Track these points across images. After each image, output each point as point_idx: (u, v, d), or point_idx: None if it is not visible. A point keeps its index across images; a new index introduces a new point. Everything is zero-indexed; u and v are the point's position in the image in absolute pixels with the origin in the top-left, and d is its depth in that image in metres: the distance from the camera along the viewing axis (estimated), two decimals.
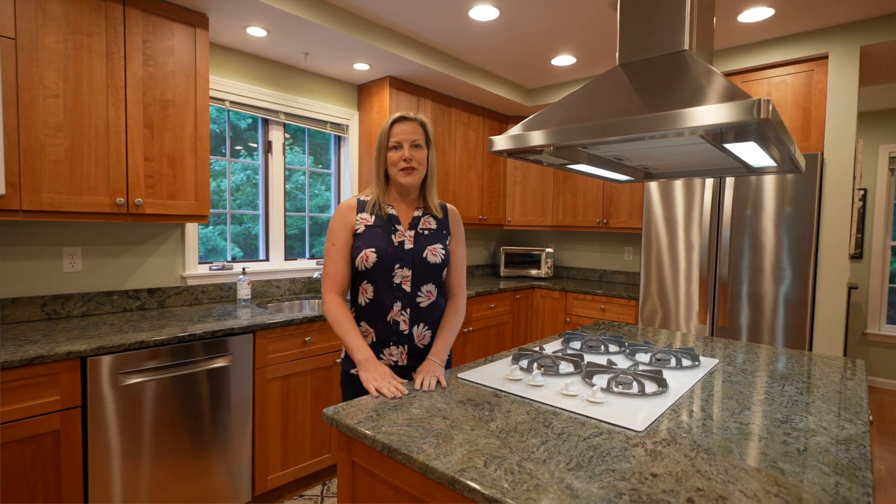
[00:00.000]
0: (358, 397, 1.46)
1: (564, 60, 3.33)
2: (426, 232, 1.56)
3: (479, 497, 0.84)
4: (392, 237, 1.52)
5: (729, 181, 2.91)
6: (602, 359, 1.69)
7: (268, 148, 3.07)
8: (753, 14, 2.58)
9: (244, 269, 2.80)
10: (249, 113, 2.92)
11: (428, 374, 1.38)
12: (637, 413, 1.18)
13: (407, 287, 1.51)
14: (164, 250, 2.57)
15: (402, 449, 0.98)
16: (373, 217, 1.54)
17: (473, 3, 2.53)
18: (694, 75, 1.22)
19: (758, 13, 2.57)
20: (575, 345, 1.88)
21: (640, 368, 1.52)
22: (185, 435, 2.01)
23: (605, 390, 1.32)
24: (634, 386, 1.36)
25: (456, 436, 1.04)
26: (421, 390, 1.33)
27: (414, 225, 1.56)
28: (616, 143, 1.33)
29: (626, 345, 1.78)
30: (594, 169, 1.69)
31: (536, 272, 4.27)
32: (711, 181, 2.96)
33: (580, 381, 1.41)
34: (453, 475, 0.88)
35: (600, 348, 1.79)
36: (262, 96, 2.94)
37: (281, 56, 2.94)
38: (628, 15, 1.49)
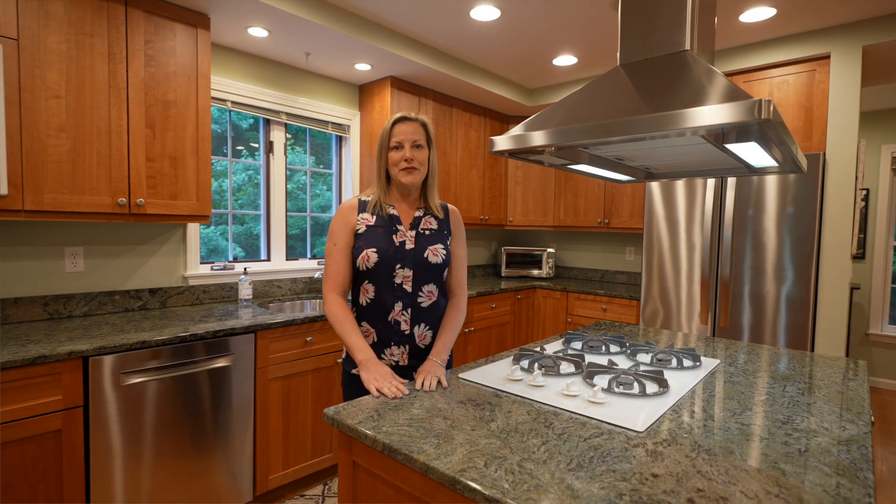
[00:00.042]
0: (359, 397, 1.46)
1: (565, 60, 3.33)
2: (427, 232, 1.56)
3: (480, 497, 0.84)
4: (393, 237, 1.52)
5: (731, 181, 2.91)
6: (603, 359, 1.69)
7: (269, 148, 3.07)
8: (755, 14, 2.58)
9: (245, 269, 2.80)
10: (251, 113, 2.93)
11: (429, 375, 1.38)
12: (638, 413, 1.18)
13: (408, 287, 1.52)
14: (166, 250, 2.58)
15: (403, 449, 0.98)
16: (374, 217, 1.54)
17: (474, 4, 2.53)
18: (695, 75, 1.22)
19: (759, 13, 2.56)
20: (576, 345, 1.88)
21: (641, 369, 1.52)
22: (187, 435, 2.01)
23: (606, 391, 1.32)
24: (635, 386, 1.36)
25: (456, 436, 1.04)
26: (422, 390, 1.33)
27: (415, 225, 1.56)
28: (617, 144, 1.33)
29: (628, 345, 1.78)
30: (595, 169, 1.69)
31: (538, 272, 4.26)
32: (713, 181, 2.95)
33: (581, 382, 1.41)
34: (454, 475, 0.88)
35: (601, 348, 1.79)
36: (264, 96, 2.95)
37: (282, 56, 2.94)
38: (629, 15, 1.49)
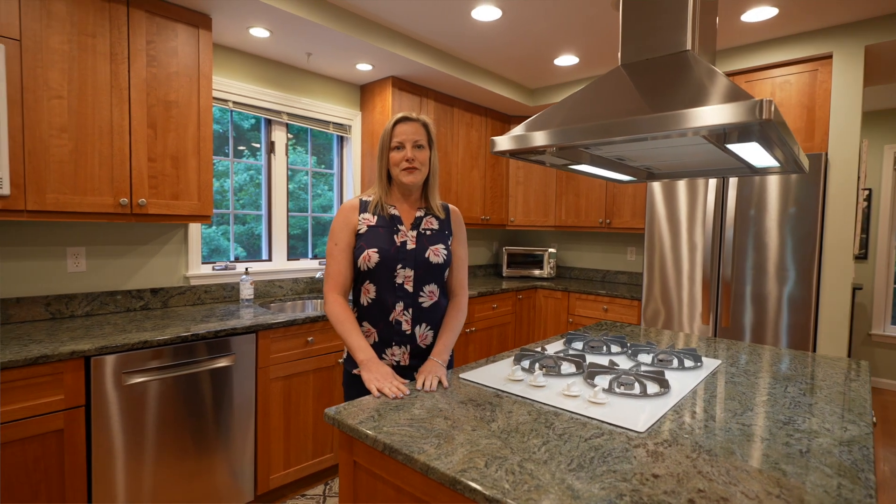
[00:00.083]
0: (360, 397, 1.46)
1: (567, 60, 3.33)
2: (428, 232, 1.56)
3: (480, 497, 0.84)
4: (394, 237, 1.52)
5: (732, 181, 2.90)
6: (604, 359, 1.69)
7: (271, 148, 3.08)
8: (757, 14, 2.57)
9: (247, 269, 2.80)
10: (252, 113, 2.93)
11: (430, 375, 1.38)
12: (639, 414, 1.17)
13: (409, 287, 1.52)
14: (168, 250, 2.58)
15: (404, 449, 0.98)
16: (375, 217, 1.54)
17: (476, 4, 2.53)
18: (696, 75, 1.22)
19: (761, 13, 2.56)
20: (577, 345, 1.88)
21: (642, 369, 1.52)
22: (188, 434, 2.02)
23: (607, 391, 1.32)
24: (636, 387, 1.36)
25: (457, 436, 1.04)
26: (422, 390, 1.33)
27: (416, 225, 1.56)
28: (619, 144, 1.33)
29: (629, 345, 1.78)
30: (596, 169, 1.69)
31: (539, 272, 4.26)
32: (715, 181, 2.95)
33: (582, 382, 1.41)
34: (454, 475, 0.88)
35: (602, 349, 1.79)
36: (265, 97, 2.95)
37: (283, 56, 2.95)
38: (630, 15, 1.49)
